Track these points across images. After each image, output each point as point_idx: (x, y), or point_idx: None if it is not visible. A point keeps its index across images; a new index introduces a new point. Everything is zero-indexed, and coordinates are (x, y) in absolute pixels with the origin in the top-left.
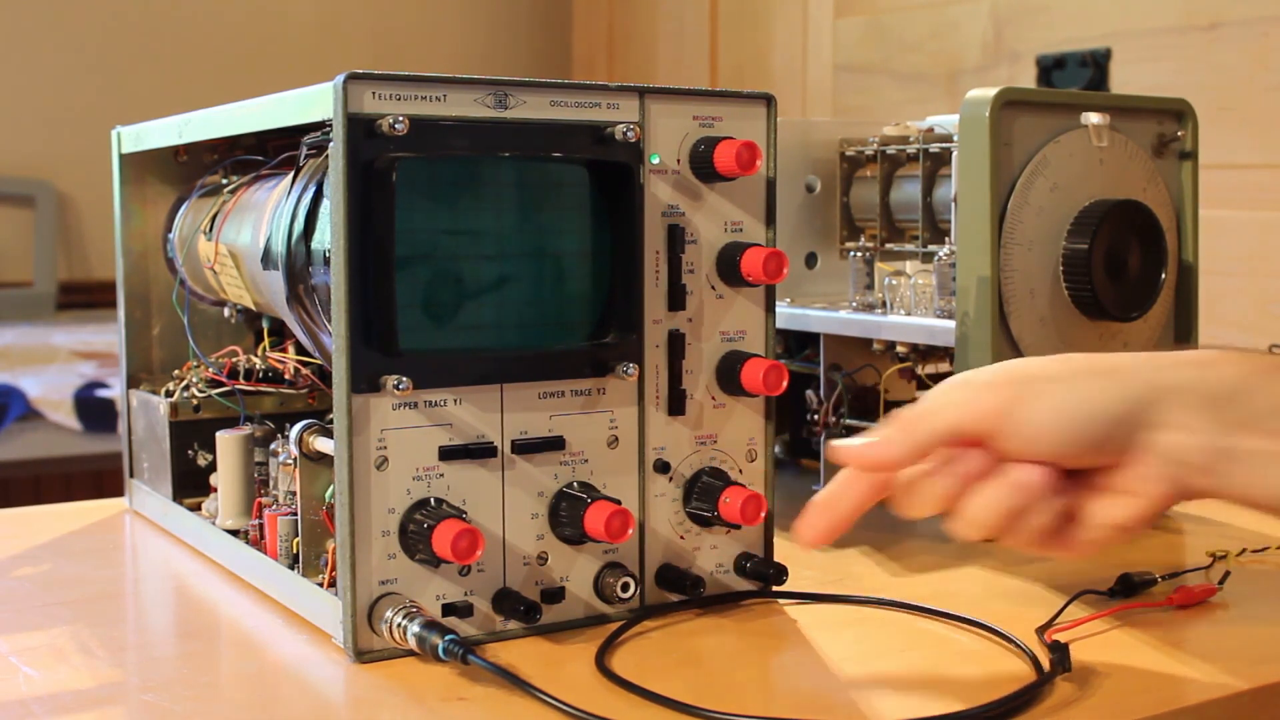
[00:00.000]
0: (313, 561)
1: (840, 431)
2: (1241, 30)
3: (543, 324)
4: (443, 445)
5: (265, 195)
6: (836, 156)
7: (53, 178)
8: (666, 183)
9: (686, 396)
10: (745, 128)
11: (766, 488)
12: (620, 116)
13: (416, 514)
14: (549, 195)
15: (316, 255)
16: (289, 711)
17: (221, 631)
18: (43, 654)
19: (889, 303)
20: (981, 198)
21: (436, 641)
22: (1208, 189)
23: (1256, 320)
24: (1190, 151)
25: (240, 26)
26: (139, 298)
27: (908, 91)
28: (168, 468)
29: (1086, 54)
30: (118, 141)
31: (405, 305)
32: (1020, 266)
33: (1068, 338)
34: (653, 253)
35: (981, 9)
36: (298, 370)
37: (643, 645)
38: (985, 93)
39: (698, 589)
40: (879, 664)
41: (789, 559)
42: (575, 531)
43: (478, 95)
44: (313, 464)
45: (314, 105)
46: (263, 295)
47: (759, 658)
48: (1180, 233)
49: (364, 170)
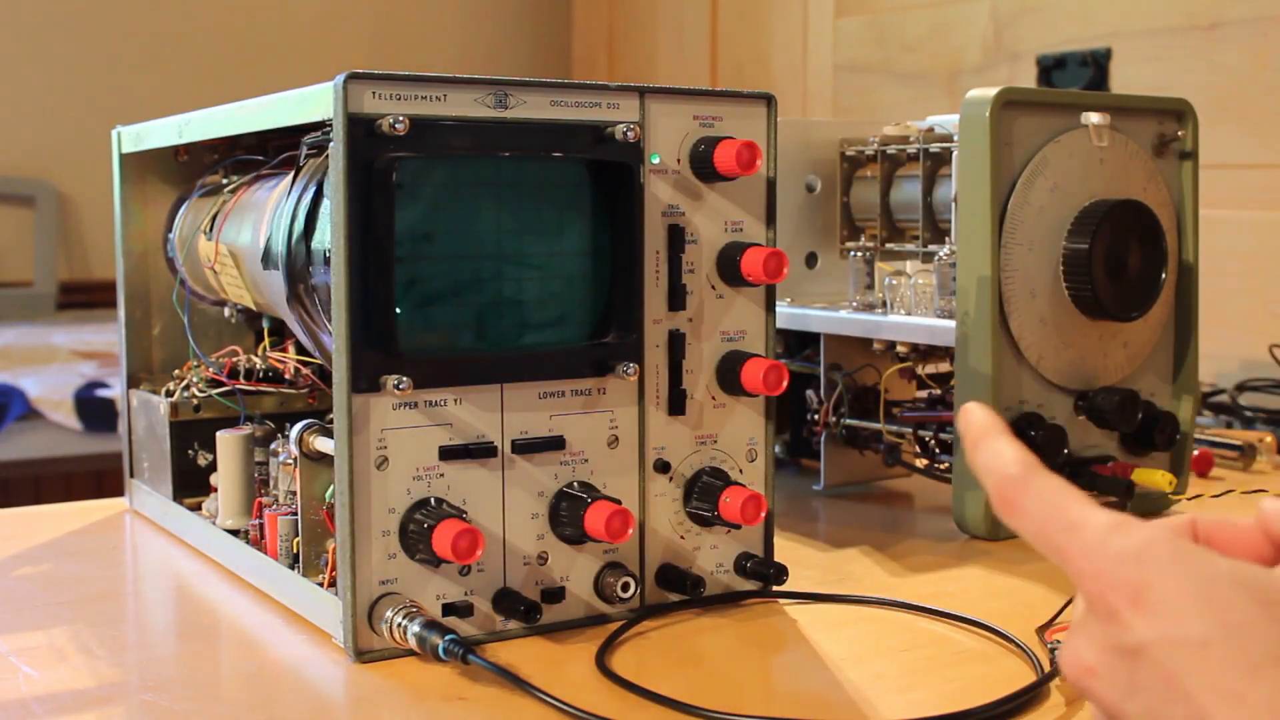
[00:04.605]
0: (313, 561)
1: (840, 431)
2: (1241, 30)
3: (543, 324)
4: (443, 445)
5: (265, 195)
6: (836, 156)
7: (53, 178)
8: (667, 182)
9: (687, 396)
10: (745, 127)
11: (766, 488)
12: (620, 116)
13: (417, 514)
14: (549, 195)
15: (316, 255)
16: (289, 711)
17: (221, 631)
18: (43, 654)
19: (889, 303)
20: (982, 198)
21: (436, 641)
22: (1208, 189)
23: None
24: (1190, 151)
25: (240, 26)
26: (139, 298)
27: (908, 91)
28: (168, 468)
29: (1086, 54)
30: (118, 141)
31: (405, 305)
32: (1020, 266)
33: (1068, 338)
34: (653, 253)
35: (981, 9)
36: (298, 370)
37: (643, 645)
38: (985, 93)
39: (698, 589)
40: (879, 664)
41: (789, 559)
42: (575, 531)
43: (478, 95)
44: (313, 464)
45: (314, 105)
46: (263, 295)
47: (759, 658)
48: (1180, 233)
49: (364, 170)
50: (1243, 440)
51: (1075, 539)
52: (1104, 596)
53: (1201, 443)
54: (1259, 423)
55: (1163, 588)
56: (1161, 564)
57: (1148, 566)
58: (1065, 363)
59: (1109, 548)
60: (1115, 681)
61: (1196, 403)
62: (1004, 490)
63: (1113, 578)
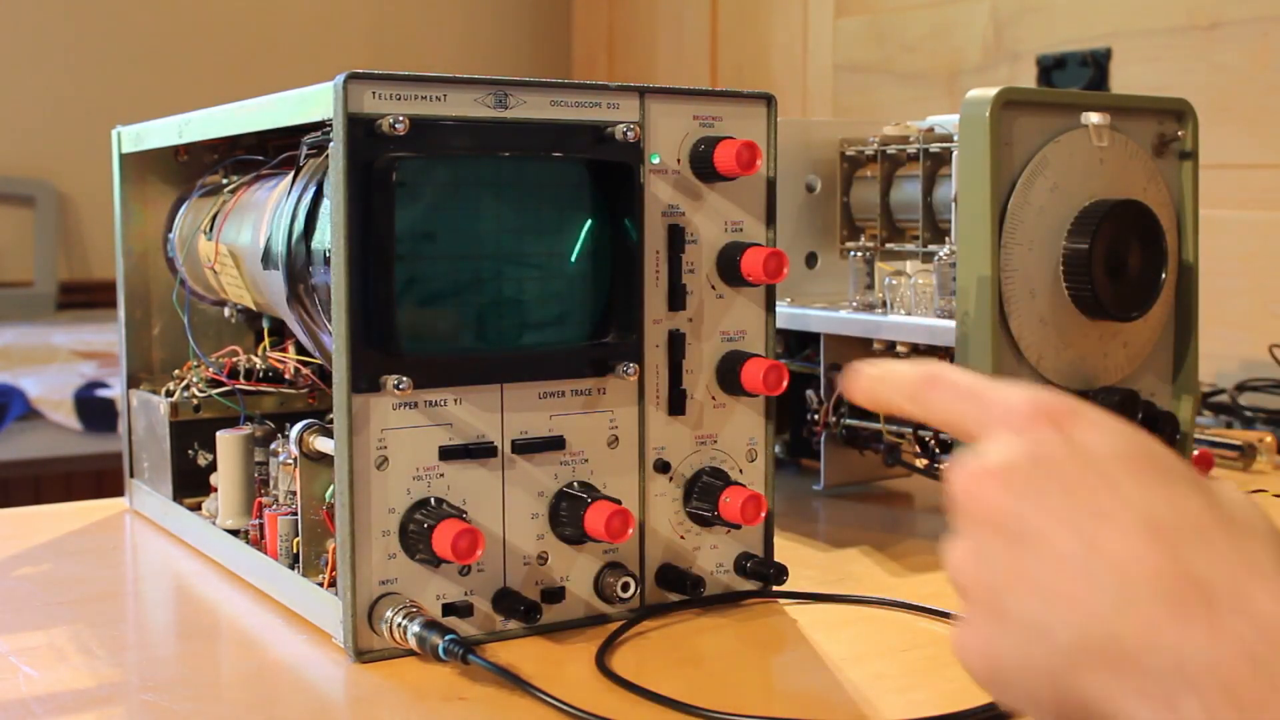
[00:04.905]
0: (313, 561)
1: (840, 431)
2: (1241, 30)
3: (543, 324)
4: (443, 445)
5: (265, 195)
6: (836, 156)
7: (53, 178)
8: (667, 182)
9: (686, 396)
10: (745, 127)
11: (766, 488)
12: (620, 116)
13: (417, 514)
14: (549, 195)
15: (316, 255)
16: (289, 711)
17: (221, 631)
18: (43, 654)
19: (889, 303)
20: (982, 198)
21: (436, 641)
22: (1208, 189)
23: (1256, 320)
24: (1190, 151)
25: (240, 26)
26: (139, 298)
27: (908, 91)
28: (168, 468)
29: (1086, 54)
30: (118, 141)
31: (405, 305)
32: (1020, 266)
33: (1068, 338)
34: (653, 253)
35: (981, 9)
36: (298, 370)
37: (643, 645)
38: (985, 93)
39: (698, 589)
40: (879, 664)
41: (789, 559)
42: (575, 531)
43: (478, 95)
44: (313, 464)
45: (314, 105)
46: (263, 295)
47: (759, 658)
48: (1180, 233)
49: (364, 170)
50: (1243, 440)
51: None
52: (1036, 413)
53: (1201, 443)
54: (1259, 423)
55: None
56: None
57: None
58: (1065, 363)
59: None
60: (1014, 485)
61: (1196, 403)
62: (917, 390)
63: (1042, 402)
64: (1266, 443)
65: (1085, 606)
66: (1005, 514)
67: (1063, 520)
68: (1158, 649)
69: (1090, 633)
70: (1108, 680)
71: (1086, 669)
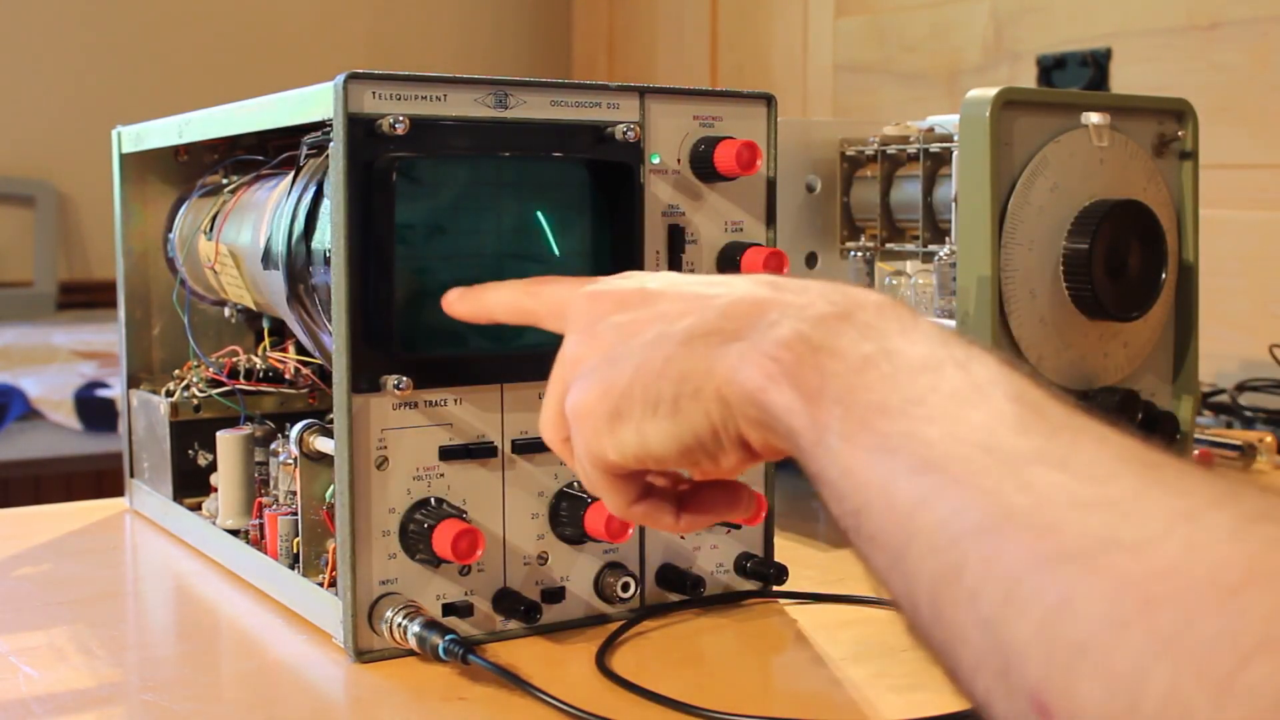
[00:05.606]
0: (313, 561)
1: None
2: (1241, 30)
3: None
4: (443, 445)
5: (265, 195)
6: (836, 156)
7: (53, 178)
8: (667, 182)
9: None
10: (745, 127)
11: (766, 488)
12: (620, 116)
13: (417, 514)
14: (549, 195)
15: (317, 255)
16: (289, 711)
17: (221, 631)
18: (43, 654)
19: None
20: (982, 198)
21: (436, 641)
22: (1208, 189)
23: (1256, 320)
24: (1190, 151)
25: (240, 26)
26: (139, 298)
27: (908, 91)
28: (168, 468)
29: (1086, 54)
30: (118, 141)
31: (405, 305)
32: (1020, 266)
33: (1068, 338)
34: (653, 253)
35: (981, 9)
36: (298, 370)
37: (643, 645)
38: (985, 93)
39: (698, 589)
40: (879, 664)
41: (789, 559)
42: (575, 531)
43: (478, 95)
44: (313, 464)
45: (314, 105)
46: (263, 295)
47: (759, 658)
48: (1180, 233)
49: (364, 170)
50: (1243, 440)
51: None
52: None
53: (1201, 443)
54: (1259, 423)
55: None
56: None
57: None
58: (1065, 363)
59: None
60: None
61: (1196, 403)
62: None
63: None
64: (1266, 443)
65: (698, 311)
66: (627, 294)
67: (679, 286)
68: (759, 325)
69: (705, 319)
70: (718, 344)
71: (701, 345)
